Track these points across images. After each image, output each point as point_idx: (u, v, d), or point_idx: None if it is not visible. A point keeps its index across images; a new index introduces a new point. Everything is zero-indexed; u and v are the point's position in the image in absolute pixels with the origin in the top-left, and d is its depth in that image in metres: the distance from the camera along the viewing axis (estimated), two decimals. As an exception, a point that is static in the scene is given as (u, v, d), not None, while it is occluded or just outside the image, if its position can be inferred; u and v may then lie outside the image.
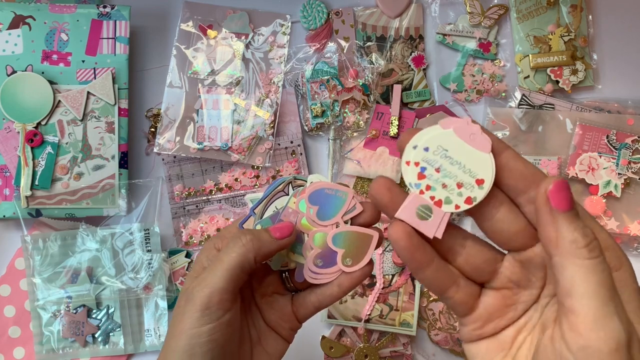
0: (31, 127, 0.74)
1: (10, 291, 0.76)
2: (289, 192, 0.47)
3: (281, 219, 0.46)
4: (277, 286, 0.49)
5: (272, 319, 0.48)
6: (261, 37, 0.81)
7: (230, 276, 0.42)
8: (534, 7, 0.82)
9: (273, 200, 0.47)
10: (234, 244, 0.43)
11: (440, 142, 0.35)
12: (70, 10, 0.76)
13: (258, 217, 0.47)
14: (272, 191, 0.47)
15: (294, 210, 0.46)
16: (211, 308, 0.42)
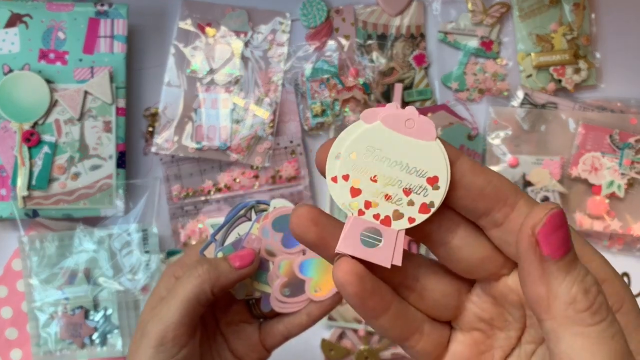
0: (28, 127, 0.73)
1: (7, 292, 0.76)
2: (251, 218, 0.45)
3: (244, 246, 0.44)
4: (243, 314, 0.47)
5: (239, 348, 0.46)
6: (260, 36, 0.80)
7: (185, 310, 0.40)
8: (536, 5, 0.81)
9: (235, 226, 0.45)
10: (189, 275, 0.41)
11: (368, 141, 0.26)
12: (68, 8, 0.75)
13: (219, 244, 0.45)
14: (234, 217, 0.45)
15: (257, 237, 0.44)
16: (166, 344, 0.40)
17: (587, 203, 0.77)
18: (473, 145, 0.80)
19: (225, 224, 0.45)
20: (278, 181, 0.79)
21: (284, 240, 0.44)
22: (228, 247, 0.45)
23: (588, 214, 0.77)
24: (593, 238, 0.79)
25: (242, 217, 0.45)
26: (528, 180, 0.77)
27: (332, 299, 0.44)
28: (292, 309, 0.45)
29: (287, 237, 0.44)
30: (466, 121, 0.81)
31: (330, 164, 0.26)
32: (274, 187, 0.79)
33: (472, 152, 0.79)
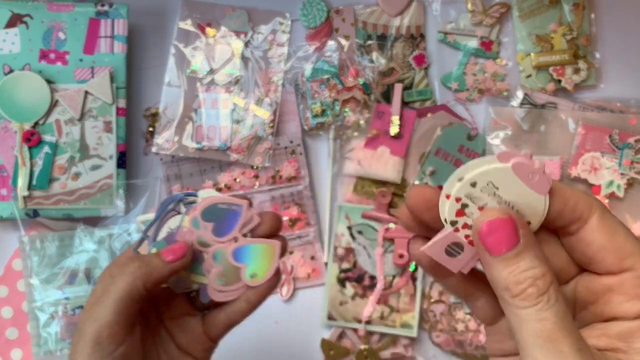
0: (28, 127, 0.73)
1: (7, 292, 0.76)
2: (181, 211, 0.45)
3: (176, 239, 0.44)
4: (186, 307, 0.47)
5: (184, 341, 0.46)
6: (260, 36, 0.81)
7: (119, 308, 0.40)
8: (536, 5, 0.82)
9: (166, 221, 0.45)
10: (121, 273, 0.41)
11: (492, 177, 0.31)
12: (68, 8, 0.75)
13: (152, 240, 0.45)
14: (164, 211, 0.45)
15: (188, 229, 0.44)
16: (102, 343, 0.40)
17: (587, 203, 0.77)
18: (473, 145, 0.80)
19: (156, 219, 0.45)
20: (278, 181, 0.79)
21: (215, 229, 0.44)
22: (161, 242, 0.45)
23: (588, 213, 0.77)
24: (593, 238, 0.79)
25: (172, 211, 0.45)
26: (528, 180, 0.78)
27: (268, 284, 0.45)
28: (230, 297, 0.45)
29: (217, 227, 0.44)
30: (466, 121, 0.81)
31: (451, 184, 0.32)
32: (274, 187, 0.79)
33: (472, 152, 0.80)
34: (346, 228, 0.78)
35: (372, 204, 0.79)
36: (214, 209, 0.44)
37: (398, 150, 0.79)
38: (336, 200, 0.80)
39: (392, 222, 0.77)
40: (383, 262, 0.77)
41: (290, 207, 0.79)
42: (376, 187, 0.79)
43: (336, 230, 0.78)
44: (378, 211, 0.78)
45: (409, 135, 0.80)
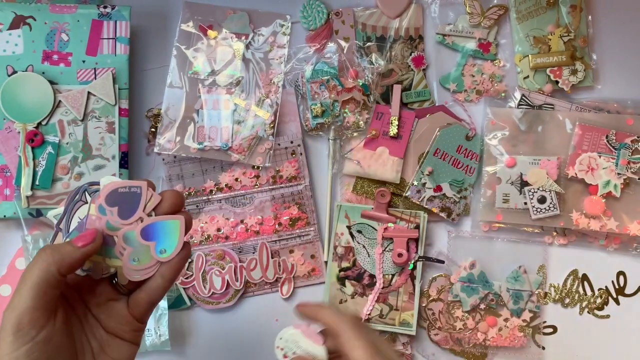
0: (32, 127, 0.74)
1: (10, 291, 0.76)
2: (87, 200, 0.47)
3: (87, 227, 0.46)
4: (110, 293, 0.49)
5: (112, 325, 0.48)
6: (261, 38, 0.81)
7: (36, 294, 0.41)
8: (533, 7, 0.82)
9: (75, 211, 0.47)
10: (34, 261, 0.43)
11: (295, 337, 0.58)
12: (71, 10, 0.76)
13: (66, 232, 0.47)
14: (72, 202, 0.47)
15: (96, 217, 0.46)
16: (23, 329, 0.41)
17: (584, 203, 0.78)
18: (471, 145, 0.80)
19: (65, 212, 0.47)
20: (279, 181, 0.79)
21: (120, 212, 0.47)
22: (74, 233, 0.47)
23: (585, 213, 0.77)
24: (589, 237, 0.80)
25: (79, 202, 0.47)
26: (525, 181, 0.78)
27: (179, 257, 0.47)
28: (146, 275, 0.47)
29: (122, 209, 0.47)
30: (464, 122, 0.81)
31: (277, 340, 0.59)
32: (275, 186, 0.79)
33: (470, 153, 0.80)
34: (346, 227, 0.79)
35: (372, 204, 0.79)
36: (115, 193, 0.47)
37: (397, 150, 0.80)
38: (336, 199, 0.80)
39: (391, 221, 0.78)
40: (382, 261, 0.78)
41: (290, 206, 0.79)
42: (375, 187, 0.80)
43: (336, 230, 0.79)
44: (377, 211, 0.78)
45: (407, 135, 0.80)
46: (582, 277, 0.80)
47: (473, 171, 0.80)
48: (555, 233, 0.80)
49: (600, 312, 0.80)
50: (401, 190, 0.80)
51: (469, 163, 0.80)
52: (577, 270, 0.80)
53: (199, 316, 0.79)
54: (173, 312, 0.77)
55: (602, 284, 0.80)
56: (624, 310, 0.80)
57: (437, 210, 0.79)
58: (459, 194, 0.80)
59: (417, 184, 0.80)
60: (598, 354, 0.79)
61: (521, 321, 0.78)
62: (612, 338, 0.79)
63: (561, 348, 0.80)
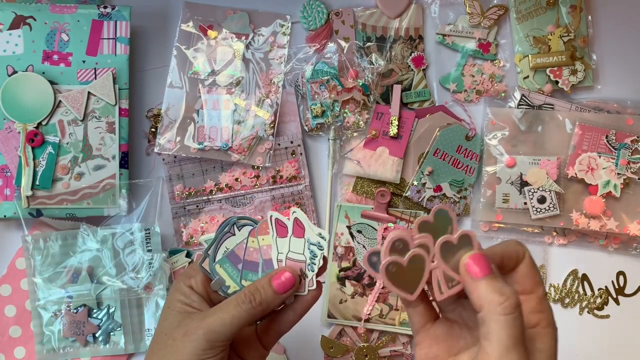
0: (32, 127, 0.74)
1: (11, 291, 0.77)
2: (235, 232, 0.52)
3: (247, 259, 0.51)
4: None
5: (240, 348, 0.53)
6: (261, 38, 0.81)
7: (235, 328, 0.47)
8: (533, 7, 0.82)
9: (223, 241, 0.52)
10: (242, 301, 0.48)
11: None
12: (71, 10, 0.76)
13: (212, 259, 0.52)
14: (221, 232, 0.52)
15: (254, 249, 0.52)
16: (213, 349, 0.47)
17: (584, 202, 0.78)
18: (471, 145, 0.80)
19: (216, 240, 0.52)
20: (279, 181, 0.79)
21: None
22: (223, 260, 0.52)
23: (585, 213, 0.78)
24: (589, 237, 0.80)
25: (227, 233, 0.52)
26: (525, 181, 0.78)
27: (312, 295, 0.51)
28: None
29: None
30: (464, 122, 0.81)
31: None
32: (275, 186, 0.79)
33: (470, 153, 0.80)
34: (346, 227, 0.79)
35: (372, 204, 0.79)
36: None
37: (397, 150, 0.80)
38: (336, 199, 0.80)
39: (391, 221, 0.78)
40: (382, 261, 0.78)
41: (290, 206, 0.79)
42: (375, 187, 0.80)
43: (336, 230, 0.79)
44: (377, 211, 0.78)
45: (407, 135, 0.80)
46: (582, 277, 0.80)
47: (473, 171, 0.80)
48: (555, 233, 0.80)
49: (600, 312, 0.80)
50: (401, 190, 0.80)
51: (469, 163, 0.80)
52: (577, 270, 0.80)
53: (199, 316, 0.79)
54: (173, 312, 0.77)
55: (602, 284, 0.80)
56: (624, 311, 0.80)
57: (437, 210, 0.79)
58: (458, 194, 0.80)
59: (417, 184, 0.80)
60: (598, 354, 0.79)
61: (521, 321, 0.78)
62: (612, 338, 0.79)
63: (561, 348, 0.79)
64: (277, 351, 0.63)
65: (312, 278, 0.51)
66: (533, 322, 0.42)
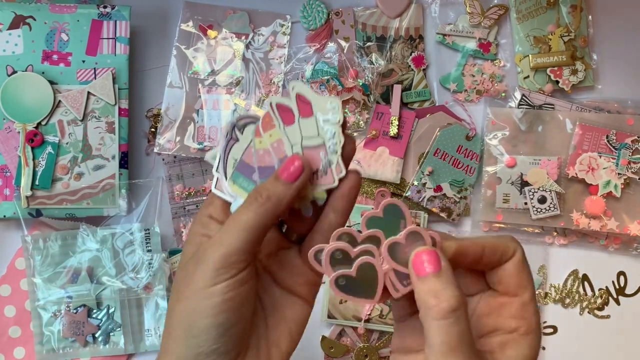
0: (31, 127, 0.74)
1: (10, 291, 0.77)
2: (238, 137, 0.42)
3: (260, 165, 0.42)
4: (279, 241, 0.44)
5: (285, 278, 0.44)
6: (261, 37, 0.81)
7: (247, 237, 0.39)
8: (533, 7, 0.82)
9: (229, 152, 0.42)
10: (249, 204, 0.40)
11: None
12: (71, 10, 0.76)
13: (223, 177, 0.42)
14: (226, 145, 0.42)
15: (265, 150, 0.42)
16: (226, 267, 0.38)
17: (585, 203, 0.78)
18: (471, 145, 0.80)
19: (222, 155, 0.43)
20: (279, 181, 0.79)
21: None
22: (235, 174, 0.42)
23: (585, 213, 0.77)
24: (590, 237, 0.80)
25: (231, 140, 0.42)
26: (526, 181, 0.78)
27: (349, 184, 0.41)
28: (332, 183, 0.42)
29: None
30: (464, 122, 0.81)
31: None
32: (275, 187, 0.79)
33: (470, 153, 0.80)
34: (346, 227, 0.79)
35: (372, 204, 0.79)
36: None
37: (397, 150, 0.80)
38: (336, 200, 0.80)
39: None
40: (382, 261, 0.78)
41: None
42: (375, 187, 0.80)
43: (336, 230, 0.79)
44: (377, 211, 0.78)
45: (407, 135, 0.80)
46: (583, 277, 0.80)
47: (473, 171, 0.80)
48: (555, 233, 0.80)
49: (601, 313, 0.80)
50: (401, 190, 0.80)
51: (469, 163, 0.80)
52: (578, 270, 0.80)
53: (199, 316, 0.78)
54: (173, 312, 0.77)
55: (603, 284, 0.80)
56: (624, 311, 0.80)
57: (437, 211, 0.79)
58: (459, 194, 0.80)
59: (418, 184, 0.79)
60: (598, 354, 0.79)
61: (521, 321, 0.78)
62: (613, 338, 0.79)
63: (561, 348, 0.79)
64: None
65: (338, 163, 0.41)
66: (511, 327, 0.39)
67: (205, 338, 0.38)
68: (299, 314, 0.43)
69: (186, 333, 0.39)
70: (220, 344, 0.38)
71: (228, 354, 0.39)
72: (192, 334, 0.38)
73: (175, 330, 0.39)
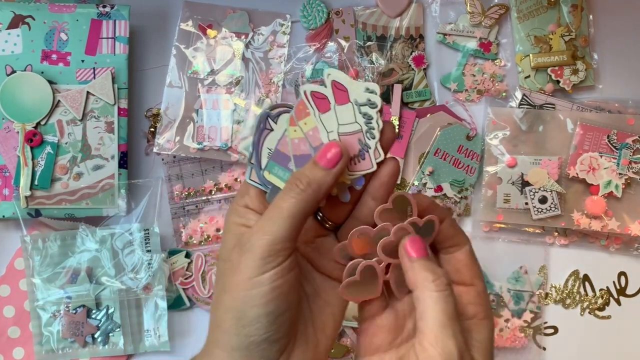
0: (30, 127, 0.74)
1: (9, 291, 0.76)
2: (272, 127, 0.42)
3: (295, 154, 0.42)
4: (316, 229, 0.44)
5: (323, 264, 0.44)
6: (261, 37, 0.81)
7: (291, 224, 0.39)
8: (534, 6, 0.82)
9: (263, 142, 0.43)
10: (289, 191, 0.40)
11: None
12: (70, 9, 0.76)
13: (257, 167, 0.43)
14: (258, 134, 0.42)
15: (300, 139, 0.42)
16: (272, 255, 0.38)
17: (585, 203, 0.77)
18: (471, 145, 0.80)
19: (256, 145, 0.43)
20: (278, 181, 0.79)
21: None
22: (270, 164, 0.42)
23: (586, 213, 0.77)
24: (591, 237, 0.80)
25: (264, 130, 0.42)
26: (526, 181, 0.78)
27: (388, 171, 0.42)
28: (364, 169, 0.42)
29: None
30: (465, 122, 0.81)
31: None
32: (275, 187, 0.79)
33: (471, 153, 0.80)
34: (346, 228, 0.78)
35: (372, 204, 0.79)
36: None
37: (397, 150, 0.80)
38: (336, 200, 0.80)
39: (391, 221, 0.78)
40: (383, 262, 0.77)
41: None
42: (376, 187, 0.79)
43: (336, 230, 0.78)
44: (378, 211, 0.78)
45: (408, 135, 0.80)
46: (583, 277, 0.80)
47: (474, 171, 0.80)
48: (556, 233, 0.80)
49: (602, 313, 0.80)
50: (402, 190, 0.79)
51: (470, 163, 0.80)
52: (578, 270, 0.80)
53: (199, 317, 0.78)
54: (172, 313, 0.77)
55: (604, 284, 0.80)
56: (625, 311, 0.80)
57: (438, 211, 0.79)
58: (459, 194, 0.79)
59: (418, 184, 0.79)
60: (599, 354, 0.79)
61: (522, 322, 0.77)
62: (613, 339, 0.79)
63: (562, 349, 0.79)
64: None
65: (376, 147, 0.41)
66: (470, 314, 0.42)
67: (256, 327, 0.38)
68: (340, 297, 0.44)
69: (237, 323, 0.39)
70: (271, 332, 0.39)
71: (279, 341, 0.40)
72: (242, 323, 0.38)
73: (224, 321, 0.39)
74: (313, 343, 0.43)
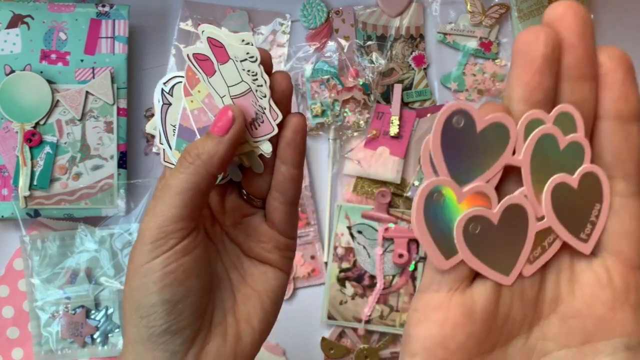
0: (29, 127, 0.74)
1: (8, 292, 0.76)
2: (170, 101, 0.39)
3: (199, 127, 0.38)
4: (243, 208, 0.41)
5: (252, 246, 0.41)
6: (261, 36, 0.81)
7: (182, 201, 0.36)
8: (535, 6, 0.82)
9: (165, 120, 0.39)
10: (179, 167, 0.36)
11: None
12: (69, 9, 0.75)
13: (168, 146, 0.39)
14: (160, 114, 0.39)
15: (200, 109, 0.38)
16: (162, 238, 0.35)
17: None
18: (472, 145, 0.80)
19: (162, 125, 0.39)
20: (278, 181, 0.79)
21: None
22: (178, 142, 0.39)
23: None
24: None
25: (163, 106, 0.39)
26: (527, 180, 0.78)
27: (291, 129, 0.38)
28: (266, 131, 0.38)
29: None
30: (465, 121, 0.81)
31: None
32: (275, 187, 0.79)
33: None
34: (346, 228, 0.78)
35: (372, 204, 0.79)
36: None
37: (397, 150, 0.79)
38: (336, 200, 0.80)
39: (391, 221, 0.78)
40: (383, 262, 0.77)
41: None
42: (376, 187, 0.79)
43: (336, 230, 0.78)
44: (378, 211, 0.78)
45: (408, 135, 0.80)
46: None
47: (474, 171, 0.80)
48: (557, 233, 0.79)
49: (602, 313, 0.79)
50: (402, 190, 0.79)
51: (470, 163, 0.80)
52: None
53: (198, 317, 0.78)
54: (172, 313, 0.77)
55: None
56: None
57: (438, 211, 0.79)
58: (460, 194, 0.79)
59: (418, 184, 0.79)
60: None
61: (523, 322, 0.77)
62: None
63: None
64: (276, 352, 0.60)
65: (270, 106, 0.37)
66: None
67: (154, 317, 0.36)
68: (271, 283, 0.40)
69: (135, 314, 0.36)
70: (170, 322, 0.36)
71: (181, 332, 0.36)
72: (140, 314, 0.36)
73: (126, 312, 0.37)
74: (234, 336, 0.39)
